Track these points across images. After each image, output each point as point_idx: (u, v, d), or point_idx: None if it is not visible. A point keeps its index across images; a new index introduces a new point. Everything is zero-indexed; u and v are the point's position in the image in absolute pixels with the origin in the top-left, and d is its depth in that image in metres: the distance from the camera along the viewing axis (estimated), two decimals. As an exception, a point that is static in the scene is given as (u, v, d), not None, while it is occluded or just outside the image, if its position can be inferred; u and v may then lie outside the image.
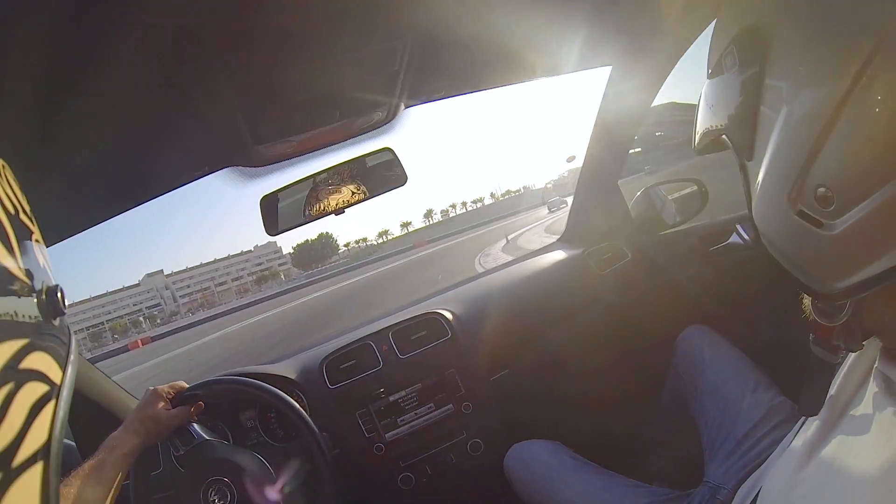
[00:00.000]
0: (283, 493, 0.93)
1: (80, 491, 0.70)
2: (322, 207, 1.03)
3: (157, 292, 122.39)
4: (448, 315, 1.29)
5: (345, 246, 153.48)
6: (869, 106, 0.29)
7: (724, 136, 0.43)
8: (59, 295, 0.33)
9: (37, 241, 0.34)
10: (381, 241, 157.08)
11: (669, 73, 1.20)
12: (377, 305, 10.99)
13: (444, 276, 13.10)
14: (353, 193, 1.03)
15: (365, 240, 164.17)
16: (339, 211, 1.03)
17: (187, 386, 0.98)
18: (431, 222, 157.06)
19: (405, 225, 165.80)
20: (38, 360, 0.29)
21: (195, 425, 0.96)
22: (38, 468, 0.27)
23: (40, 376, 0.29)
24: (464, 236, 37.79)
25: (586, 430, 1.33)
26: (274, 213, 1.03)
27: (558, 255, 1.55)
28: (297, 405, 0.99)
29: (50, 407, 0.29)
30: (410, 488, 1.21)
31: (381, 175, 1.03)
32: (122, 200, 1.01)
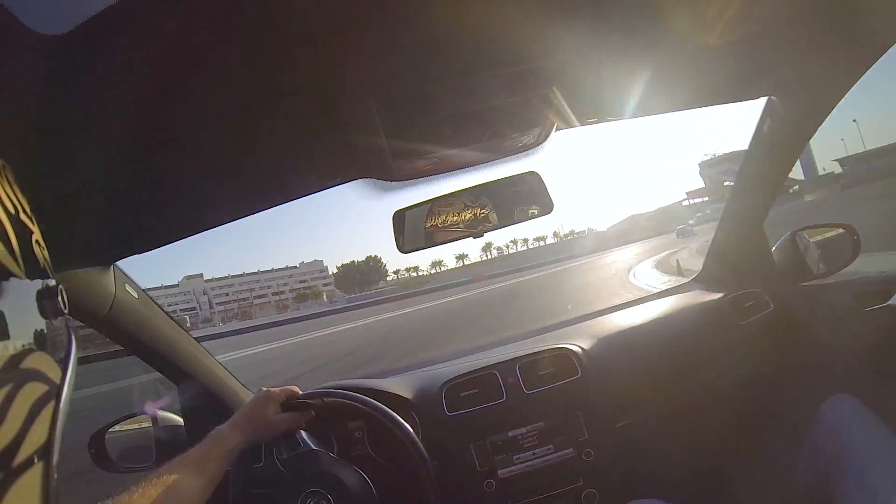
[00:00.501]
0: None
1: (181, 479, 0.73)
2: (460, 229, 1.00)
3: (193, 296, 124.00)
4: (579, 352, 1.24)
5: (394, 273, 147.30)
6: None
7: None
8: (59, 295, 0.34)
9: (37, 241, 0.34)
10: (434, 271, 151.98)
11: (834, 107, 1.11)
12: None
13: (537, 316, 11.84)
14: (494, 218, 0.99)
15: (416, 269, 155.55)
16: (477, 234, 0.98)
17: (300, 392, 0.99)
18: (489, 257, 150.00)
19: (461, 257, 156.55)
20: (39, 360, 0.30)
21: (303, 432, 0.98)
22: (38, 468, 0.28)
23: (40, 376, 0.30)
24: (532, 273, 35.97)
25: (710, 495, 1.26)
26: (407, 230, 1.01)
27: (696, 296, 1.47)
28: (411, 430, 0.98)
29: (50, 407, 0.30)
30: None
31: (526, 201, 0.99)
32: (249, 204, 1.01)
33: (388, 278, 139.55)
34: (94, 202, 0.79)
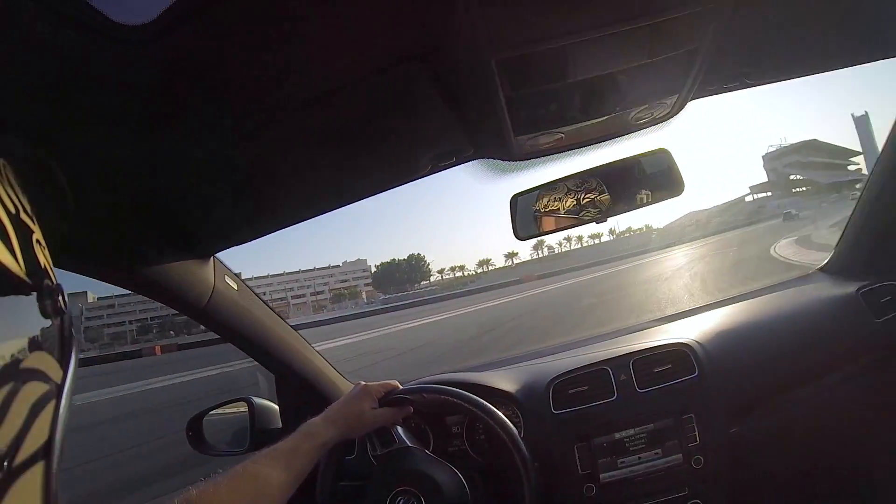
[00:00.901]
0: None
1: (267, 472, 0.74)
2: (584, 213, 0.95)
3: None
4: (698, 348, 1.16)
5: (438, 272, 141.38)
6: None
7: None
8: (59, 295, 0.34)
9: (37, 241, 0.34)
10: (481, 270, 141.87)
11: None
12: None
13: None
14: (623, 200, 0.94)
15: (462, 267, 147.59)
16: (601, 219, 0.93)
17: (400, 387, 0.98)
18: (540, 255, 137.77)
19: (510, 255, 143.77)
20: (39, 360, 0.30)
21: (399, 428, 0.97)
22: (38, 468, 0.28)
23: (40, 376, 0.30)
24: (589, 274, 31.82)
25: None
26: (525, 215, 0.98)
27: (822, 288, 1.35)
28: (515, 431, 0.95)
29: (50, 407, 0.30)
30: None
31: (657, 181, 0.93)
32: (357, 191, 0.99)
33: (431, 278, 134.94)
34: (196, 195, 0.80)
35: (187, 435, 1.19)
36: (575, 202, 0.95)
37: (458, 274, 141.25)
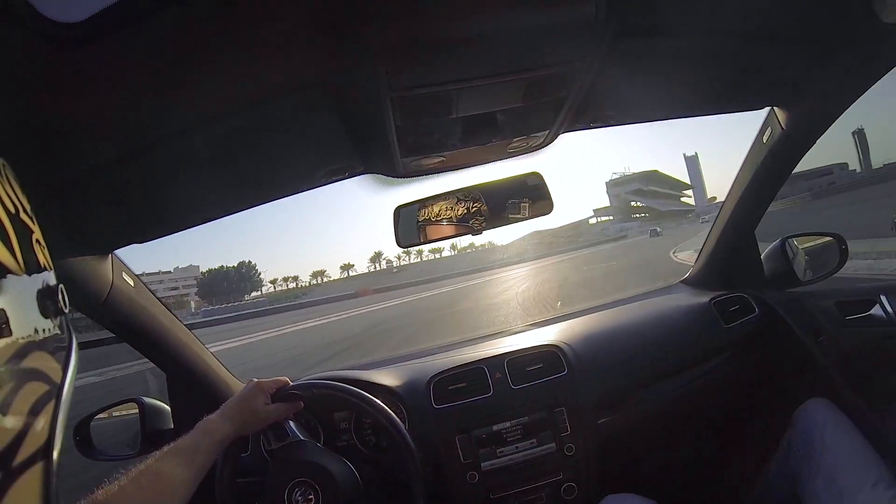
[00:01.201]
0: None
1: (171, 469, 0.75)
2: (458, 226, 1.03)
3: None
4: (567, 350, 1.29)
5: (270, 282, 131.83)
6: None
7: None
8: (59, 295, 0.34)
9: (37, 240, 0.35)
10: (315, 281, 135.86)
11: (834, 121, 1.16)
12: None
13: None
14: (494, 218, 1.03)
15: (296, 278, 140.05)
16: (476, 232, 1.01)
17: (291, 383, 1.02)
18: (378, 268, 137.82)
19: (346, 267, 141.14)
20: (38, 360, 0.30)
21: (291, 423, 1.00)
22: (38, 468, 0.28)
23: (40, 376, 0.30)
24: (430, 290, 31.59)
25: (686, 492, 1.31)
26: (405, 226, 1.04)
27: (682, 298, 1.53)
28: (400, 422, 1.02)
29: (50, 407, 0.30)
30: None
31: (527, 200, 1.03)
32: (253, 196, 1.04)
33: (263, 288, 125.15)
34: (95, 191, 0.80)
35: (75, 440, 1.16)
36: (454, 215, 1.02)
37: (292, 285, 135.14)
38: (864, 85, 1.03)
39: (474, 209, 1.02)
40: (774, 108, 1.19)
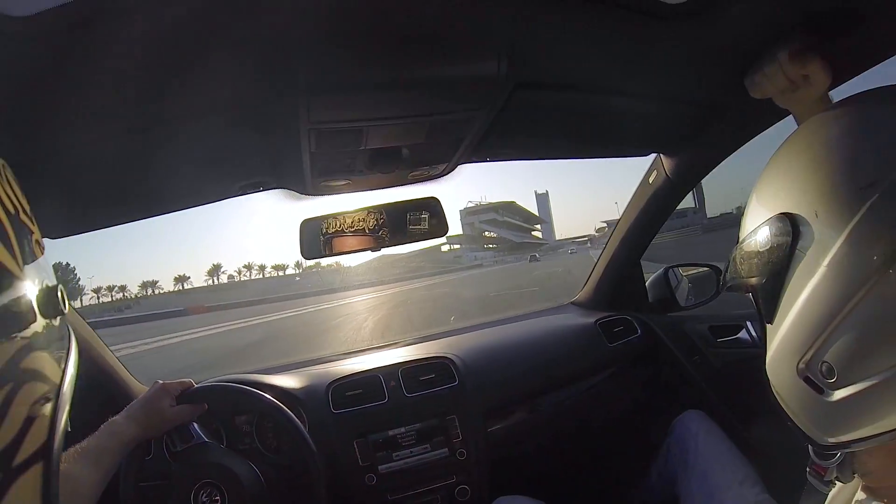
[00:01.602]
0: None
1: (78, 471, 0.74)
2: (360, 243, 1.11)
3: None
4: (458, 362, 1.37)
5: (93, 291, 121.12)
6: (881, 306, 0.39)
7: (749, 295, 0.52)
8: (59, 295, 0.34)
9: (37, 241, 0.35)
10: (144, 293, 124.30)
11: (714, 168, 1.32)
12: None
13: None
14: (394, 235, 1.12)
15: (124, 288, 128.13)
16: (376, 248, 1.09)
17: (195, 385, 1.04)
18: (217, 282, 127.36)
19: (181, 279, 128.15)
20: (38, 360, 0.30)
21: (195, 424, 1.01)
22: (38, 468, 0.29)
23: (40, 376, 0.30)
24: (276, 313, 26.67)
25: (572, 495, 1.41)
26: (310, 239, 1.10)
27: (571, 318, 1.67)
28: (301, 425, 1.06)
29: (50, 407, 0.30)
30: None
31: (424, 222, 1.12)
32: (164, 204, 1.10)
33: (83, 297, 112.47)
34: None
35: None
36: (356, 231, 1.10)
37: (119, 295, 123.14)
38: (737, 144, 1.19)
39: (375, 226, 1.10)
40: (661, 154, 1.35)
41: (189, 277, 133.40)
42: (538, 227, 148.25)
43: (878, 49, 0.77)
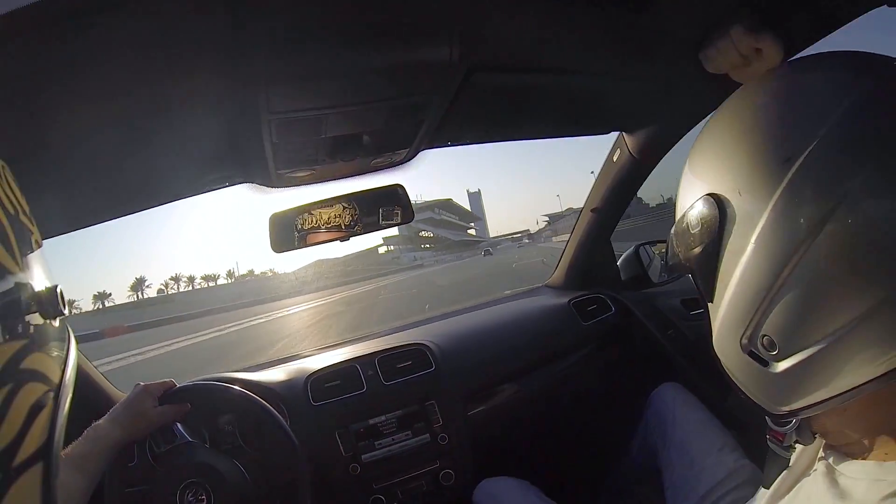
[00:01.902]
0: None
1: (65, 478, 0.73)
2: (329, 233, 1.13)
3: None
4: (434, 348, 1.40)
5: None
6: (810, 275, 0.41)
7: (689, 276, 0.54)
8: (58, 295, 0.34)
9: (36, 241, 0.35)
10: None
11: (673, 146, 1.35)
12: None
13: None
14: (361, 224, 1.14)
15: None
16: (344, 238, 1.11)
17: (177, 385, 1.05)
18: (141, 297, 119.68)
19: (101, 296, 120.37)
20: (38, 361, 0.30)
21: (178, 425, 1.02)
22: (38, 468, 0.29)
23: (40, 376, 0.30)
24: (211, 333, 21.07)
25: (556, 472, 1.44)
26: (280, 232, 1.12)
27: (544, 300, 1.70)
28: (284, 422, 1.07)
29: (49, 407, 0.31)
30: None
31: (390, 210, 1.14)
32: (132, 203, 1.11)
33: None
34: None
35: None
36: (326, 221, 1.12)
37: None
38: (696, 119, 1.22)
39: (344, 215, 1.13)
40: (623, 132, 1.38)
41: (111, 294, 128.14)
42: (472, 224, 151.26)
43: (831, 18, 0.79)
